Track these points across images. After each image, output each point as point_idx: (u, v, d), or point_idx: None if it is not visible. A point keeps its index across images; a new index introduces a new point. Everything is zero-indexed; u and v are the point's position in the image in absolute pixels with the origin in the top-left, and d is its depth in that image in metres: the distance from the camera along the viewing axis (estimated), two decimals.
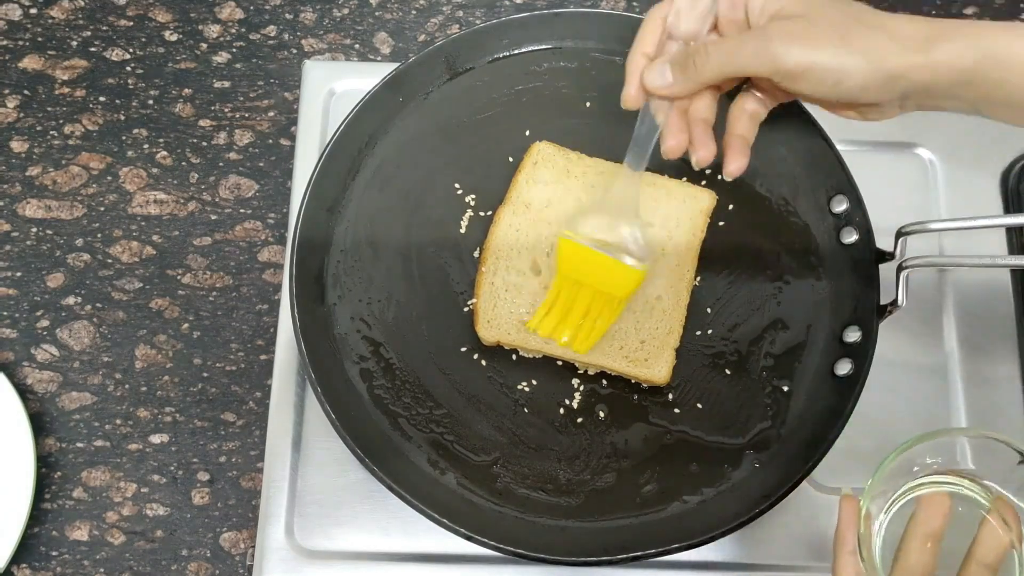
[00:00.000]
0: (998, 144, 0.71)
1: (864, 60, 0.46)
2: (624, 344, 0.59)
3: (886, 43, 0.46)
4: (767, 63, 0.47)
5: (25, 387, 0.68)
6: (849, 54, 0.46)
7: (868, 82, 0.47)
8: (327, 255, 0.63)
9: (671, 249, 0.61)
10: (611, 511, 0.58)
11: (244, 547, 0.65)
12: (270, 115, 0.75)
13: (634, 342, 0.59)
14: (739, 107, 0.52)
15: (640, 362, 0.59)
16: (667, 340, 0.60)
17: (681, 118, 0.51)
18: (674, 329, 0.60)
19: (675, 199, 0.63)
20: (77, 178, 0.74)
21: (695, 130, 0.51)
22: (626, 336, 0.60)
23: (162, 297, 0.70)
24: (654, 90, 0.51)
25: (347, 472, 0.63)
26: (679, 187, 0.63)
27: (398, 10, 0.79)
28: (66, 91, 0.76)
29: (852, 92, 0.47)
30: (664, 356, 0.59)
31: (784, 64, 0.47)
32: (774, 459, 0.59)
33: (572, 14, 0.67)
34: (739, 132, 0.52)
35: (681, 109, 0.51)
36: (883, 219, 0.61)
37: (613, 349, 0.59)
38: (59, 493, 0.66)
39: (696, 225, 0.62)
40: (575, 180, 0.63)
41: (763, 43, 0.47)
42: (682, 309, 0.60)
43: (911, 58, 0.46)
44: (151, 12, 0.78)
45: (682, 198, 0.63)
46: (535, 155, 0.64)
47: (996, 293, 0.67)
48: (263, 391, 0.68)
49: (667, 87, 0.50)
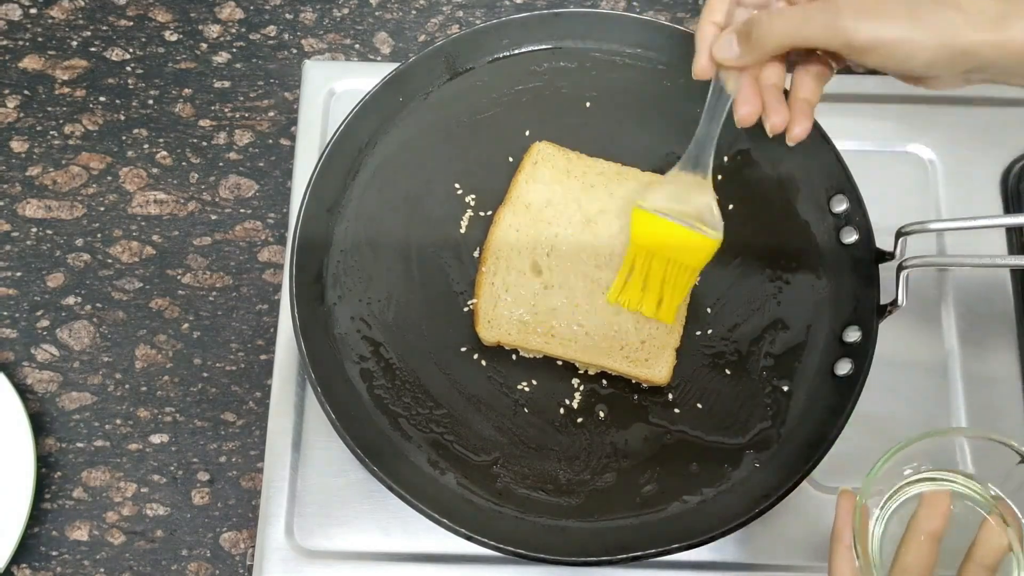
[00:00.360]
0: (998, 144, 0.71)
1: (934, 36, 0.45)
2: (624, 344, 0.59)
3: (957, 19, 0.45)
4: (836, 37, 0.47)
5: (25, 387, 0.68)
6: (919, 29, 0.45)
7: (937, 58, 0.46)
8: (327, 255, 0.63)
9: None
10: (611, 511, 0.58)
11: (244, 547, 0.65)
12: (270, 115, 0.75)
13: (635, 342, 0.59)
14: (804, 69, 0.51)
15: (641, 362, 0.59)
16: (668, 340, 0.60)
17: (753, 85, 0.51)
18: (674, 329, 0.60)
19: None
20: (77, 178, 0.74)
21: (767, 96, 0.51)
22: (626, 336, 0.60)
23: (162, 297, 0.70)
24: (723, 61, 0.51)
25: (347, 472, 0.63)
26: None
27: (398, 10, 0.79)
28: (66, 91, 0.76)
29: (919, 67, 0.47)
30: (665, 356, 0.59)
31: (853, 39, 0.46)
32: (774, 459, 0.59)
33: (572, 14, 0.67)
34: (803, 95, 0.51)
35: (752, 76, 0.51)
36: (883, 219, 0.61)
37: (614, 349, 0.59)
38: (59, 493, 0.66)
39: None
40: (575, 180, 0.63)
41: (832, 16, 0.46)
42: (682, 311, 0.60)
43: (982, 35, 0.45)
44: (151, 12, 0.78)
45: None
46: (535, 155, 0.64)
47: (996, 293, 0.67)
48: (263, 391, 0.68)
49: (735, 58, 0.50)
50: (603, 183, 0.63)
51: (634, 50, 0.67)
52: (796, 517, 0.62)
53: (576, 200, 0.63)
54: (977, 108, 0.72)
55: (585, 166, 0.64)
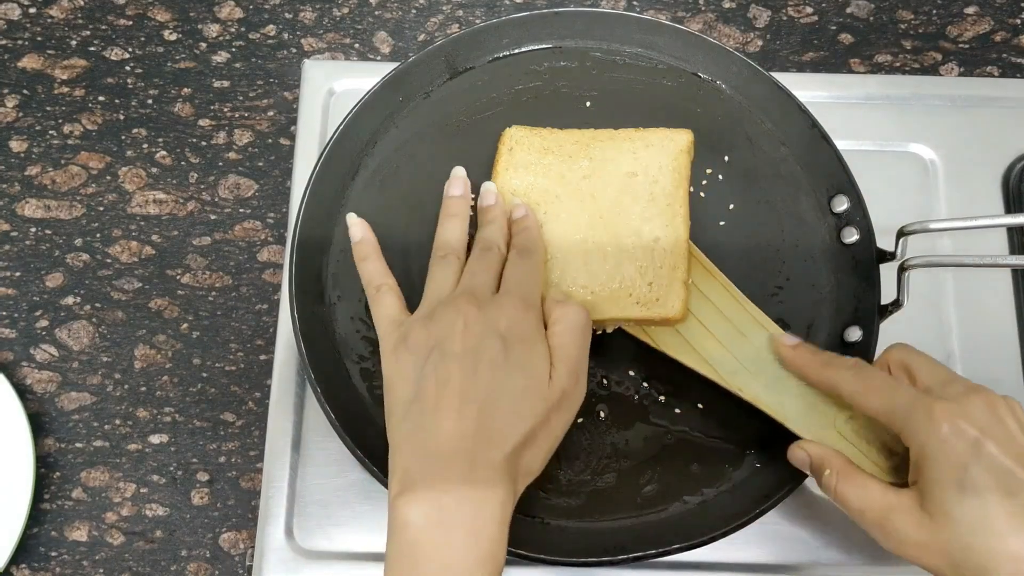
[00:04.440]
0: (999, 144, 0.71)
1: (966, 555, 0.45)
2: (633, 292, 0.59)
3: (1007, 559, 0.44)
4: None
5: (24, 387, 0.68)
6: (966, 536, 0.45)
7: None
8: (327, 255, 0.62)
9: (659, 193, 0.61)
10: (611, 511, 0.58)
11: (244, 547, 0.65)
12: (269, 115, 0.75)
13: (642, 287, 0.58)
14: None
15: (652, 303, 0.58)
16: (674, 275, 0.58)
17: None
18: (678, 264, 0.59)
19: (653, 147, 0.62)
20: (76, 178, 0.73)
21: None
22: (633, 284, 0.59)
23: (161, 297, 0.70)
24: None
25: (347, 472, 0.62)
26: (654, 134, 0.63)
27: (398, 9, 0.78)
28: (65, 91, 0.76)
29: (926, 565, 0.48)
30: (674, 290, 0.58)
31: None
32: (775, 459, 0.58)
33: (572, 14, 0.67)
34: None
35: None
36: (884, 219, 0.61)
37: (625, 300, 0.58)
38: (58, 493, 0.66)
39: (680, 165, 0.61)
40: (553, 155, 0.63)
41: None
42: (683, 245, 0.59)
43: None
44: (150, 11, 0.78)
45: (660, 144, 0.62)
46: (509, 141, 0.63)
47: (997, 293, 0.67)
48: (263, 391, 0.68)
49: None
50: (581, 151, 0.63)
51: (634, 50, 0.67)
52: (796, 517, 0.62)
53: (560, 175, 0.62)
54: (978, 108, 0.72)
55: (559, 139, 0.63)
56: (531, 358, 0.50)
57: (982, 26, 0.78)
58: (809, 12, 0.79)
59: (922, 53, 0.77)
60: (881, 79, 0.73)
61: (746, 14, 0.79)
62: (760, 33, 0.78)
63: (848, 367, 0.52)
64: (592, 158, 0.63)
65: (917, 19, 0.79)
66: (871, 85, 0.72)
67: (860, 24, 0.78)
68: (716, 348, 0.58)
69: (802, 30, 0.78)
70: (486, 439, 0.47)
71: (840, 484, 0.50)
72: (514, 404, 0.48)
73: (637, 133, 0.63)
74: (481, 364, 0.48)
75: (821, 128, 0.63)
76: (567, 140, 0.63)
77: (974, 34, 0.78)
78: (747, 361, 0.57)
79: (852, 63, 0.77)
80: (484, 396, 0.48)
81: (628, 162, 0.62)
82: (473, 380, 0.48)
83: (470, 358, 0.48)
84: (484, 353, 0.49)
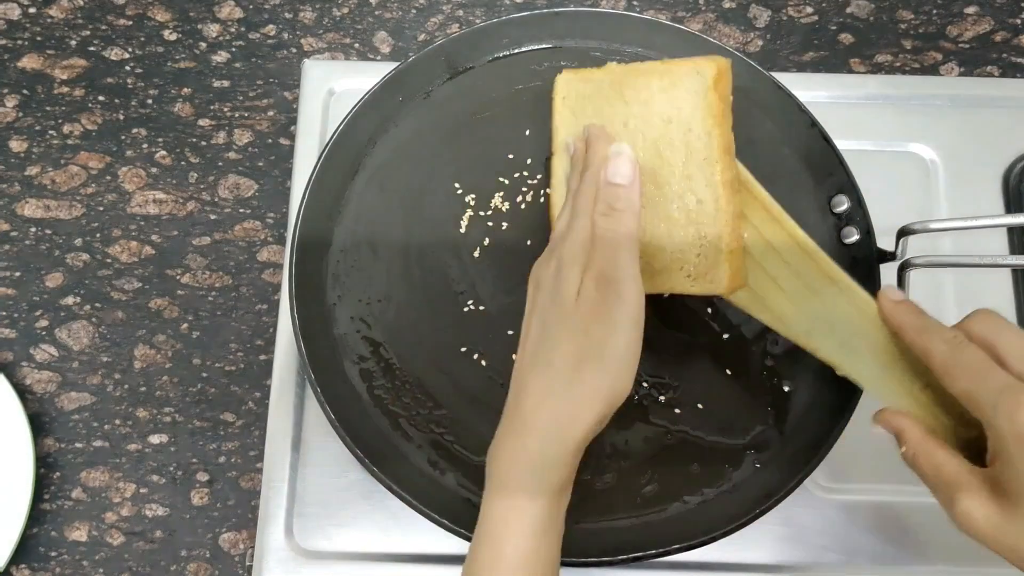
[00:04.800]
0: (999, 144, 0.71)
1: None
2: (684, 265, 0.54)
3: None
4: None
5: (24, 387, 0.68)
6: None
7: None
8: (327, 255, 0.62)
9: (694, 144, 0.54)
10: (611, 511, 0.58)
11: (244, 547, 0.65)
12: (269, 114, 0.75)
13: (691, 258, 0.54)
14: None
15: (702, 277, 0.54)
16: (718, 245, 0.53)
17: None
18: (723, 232, 0.53)
19: (680, 86, 0.54)
20: (76, 178, 0.73)
21: None
22: (684, 256, 0.54)
23: (161, 297, 0.70)
24: None
25: (347, 472, 0.62)
26: (680, 67, 0.54)
27: (398, 9, 0.78)
28: (65, 90, 0.76)
29: None
30: (720, 263, 0.53)
31: None
32: (775, 459, 0.58)
33: (572, 13, 0.67)
34: None
35: None
36: (884, 219, 0.61)
37: (676, 274, 0.54)
38: (58, 493, 0.66)
39: (710, 104, 0.53)
40: (604, 101, 0.57)
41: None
42: (725, 209, 0.53)
43: None
44: (150, 11, 0.78)
45: (686, 82, 0.54)
46: (561, 91, 0.59)
47: (997, 293, 0.67)
48: (262, 391, 0.68)
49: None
50: (615, 93, 0.56)
51: (634, 50, 0.67)
52: (796, 517, 0.62)
53: (616, 111, 0.56)
54: (979, 108, 0.72)
55: (612, 75, 0.57)
56: None
57: (982, 26, 0.78)
58: (809, 12, 0.79)
59: (922, 53, 0.77)
60: (881, 79, 0.73)
61: (746, 14, 0.79)
62: (760, 33, 0.78)
63: (946, 340, 0.49)
64: (627, 100, 0.56)
65: (917, 19, 0.78)
66: (871, 85, 0.72)
67: (860, 24, 0.78)
68: (787, 306, 0.55)
69: (802, 30, 0.78)
70: None
71: (917, 457, 0.49)
72: None
73: (664, 67, 0.55)
74: None
75: (821, 128, 0.63)
76: (604, 81, 0.57)
77: (974, 34, 0.78)
78: (819, 320, 0.54)
79: (852, 63, 0.77)
80: None
81: (661, 104, 0.54)
82: None
83: None
84: None
